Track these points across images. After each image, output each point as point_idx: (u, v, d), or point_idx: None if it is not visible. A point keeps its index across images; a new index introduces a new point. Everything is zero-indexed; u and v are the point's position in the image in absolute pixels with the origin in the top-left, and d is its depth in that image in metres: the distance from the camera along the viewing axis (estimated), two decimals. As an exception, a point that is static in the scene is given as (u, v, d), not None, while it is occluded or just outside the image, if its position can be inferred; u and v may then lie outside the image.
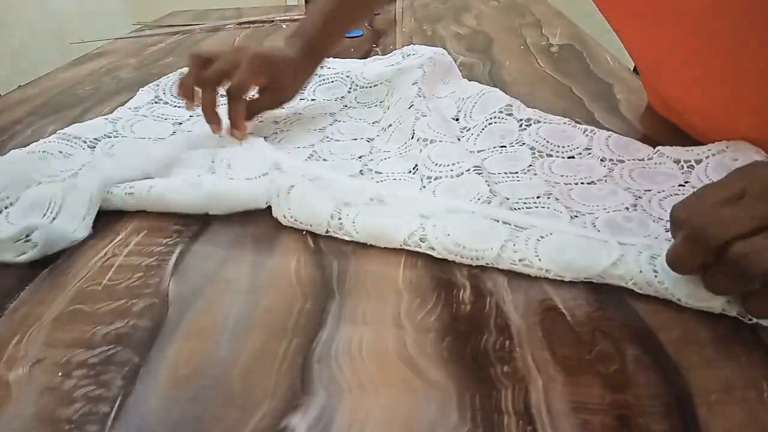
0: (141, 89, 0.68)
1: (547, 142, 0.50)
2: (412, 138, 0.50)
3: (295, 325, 0.32)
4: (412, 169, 0.47)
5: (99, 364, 0.30)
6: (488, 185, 0.42)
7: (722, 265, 0.29)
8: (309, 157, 0.52)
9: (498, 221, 0.37)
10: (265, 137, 0.53)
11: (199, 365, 0.30)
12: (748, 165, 0.32)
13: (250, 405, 0.27)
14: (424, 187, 0.44)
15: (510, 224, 0.37)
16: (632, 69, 0.72)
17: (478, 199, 0.40)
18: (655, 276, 0.32)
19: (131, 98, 0.66)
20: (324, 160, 0.51)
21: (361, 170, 0.48)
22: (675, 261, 0.31)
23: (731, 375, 0.27)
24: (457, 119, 0.57)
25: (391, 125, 0.55)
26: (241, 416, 0.27)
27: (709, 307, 0.31)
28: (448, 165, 0.45)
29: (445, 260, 0.37)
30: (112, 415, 0.27)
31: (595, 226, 0.38)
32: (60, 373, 0.30)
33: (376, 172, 0.48)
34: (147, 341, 0.31)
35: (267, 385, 0.28)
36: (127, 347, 0.31)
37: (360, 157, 0.51)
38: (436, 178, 0.44)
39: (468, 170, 0.44)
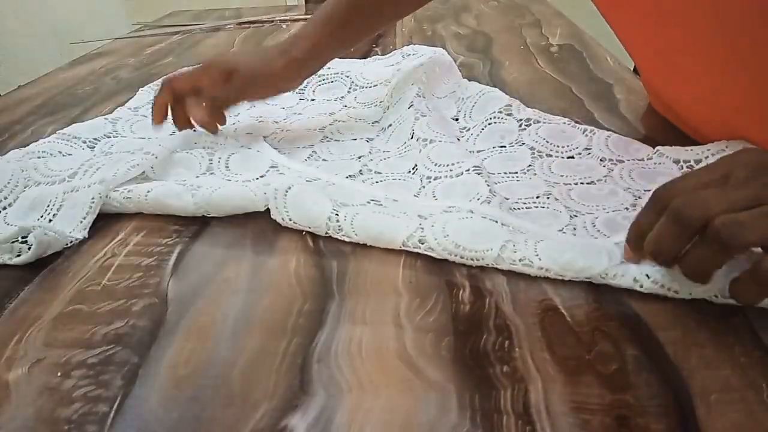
0: (141, 89, 0.68)
1: (547, 142, 0.50)
2: (412, 138, 0.50)
3: (295, 325, 0.32)
4: (411, 169, 0.47)
5: (98, 364, 0.30)
6: (488, 185, 0.41)
7: (704, 239, 0.29)
8: (309, 157, 0.52)
9: (497, 222, 0.37)
10: (264, 137, 0.53)
11: (198, 365, 0.30)
12: (736, 151, 0.32)
13: (250, 405, 0.27)
14: (424, 187, 0.44)
15: (509, 226, 0.37)
16: (632, 69, 0.72)
17: (478, 200, 0.40)
18: (654, 270, 0.32)
19: (131, 98, 0.66)
20: (324, 160, 0.51)
21: (360, 170, 0.48)
22: (658, 245, 0.30)
23: (731, 375, 0.27)
24: (457, 119, 0.57)
25: (390, 125, 0.55)
26: (240, 416, 0.27)
27: (705, 291, 0.31)
28: (447, 165, 0.45)
29: (444, 260, 0.37)
30: (112, 415, 0.27)
31: (594, 226, 0.38)
32: (59, 373, 0.30)
33: (375, 172, 0.48)
34: (146, 341, 0.31)
35: (266, 385, 0.28)
36: (126, 347, 0.31)
37: (359, 157, 0.51)
38: (435, 178, 0.44)
39: (468, 170, 0.44)
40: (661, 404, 0.26)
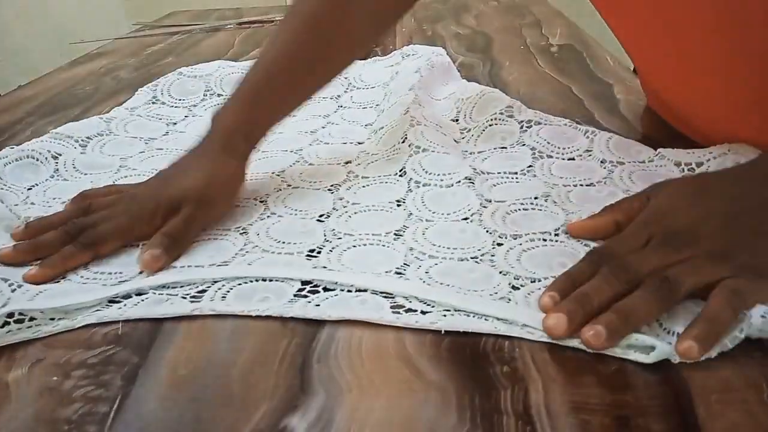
0: (139, 90, 0.68)
1: (548, 143, 0.50)
2: (403, 142, 0.50)
3: (295, 325, 0.32)
4: (398, 171, 0.47)
5: (98, 364, 0.30)
6: (478, 198, 0.41)
7: (647, 287, 0.30)
8: (295, 163, 0.51)
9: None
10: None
11: (198, 365, 0.30)
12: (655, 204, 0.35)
13: (250, 405, 0.27)
14: (411, 190, 0.44)
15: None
16: (632, 69, 0.72)
17: (468, 210, 0.40)
18: None
19: (130, 99, 0.66)
20: (310, 164, 0.51)
21: (346, 177, 0.48)
22: (587, 295, 0.30)
23: (731, 375, 0.27)
24: (457, 120, 0.56)
25: (382, 128, 0.54)
26: (240, 416, 0.27)
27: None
28: (438, 174, 0.45)
29: (444, 260, 0.36)
30: (112, 415, 0.27)
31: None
32: (59, 374, 0.30)
33: (362, 177, 0.48)
34: (147, 341, 0.31)
35: (266, 386, 0.28)
36: (126, 347, 0.31)
37: (346, 163, 0.50)
38: (424, 185, 0.44)
39: (459, 182, 0.44)
40: (661, 404, 0.26)
